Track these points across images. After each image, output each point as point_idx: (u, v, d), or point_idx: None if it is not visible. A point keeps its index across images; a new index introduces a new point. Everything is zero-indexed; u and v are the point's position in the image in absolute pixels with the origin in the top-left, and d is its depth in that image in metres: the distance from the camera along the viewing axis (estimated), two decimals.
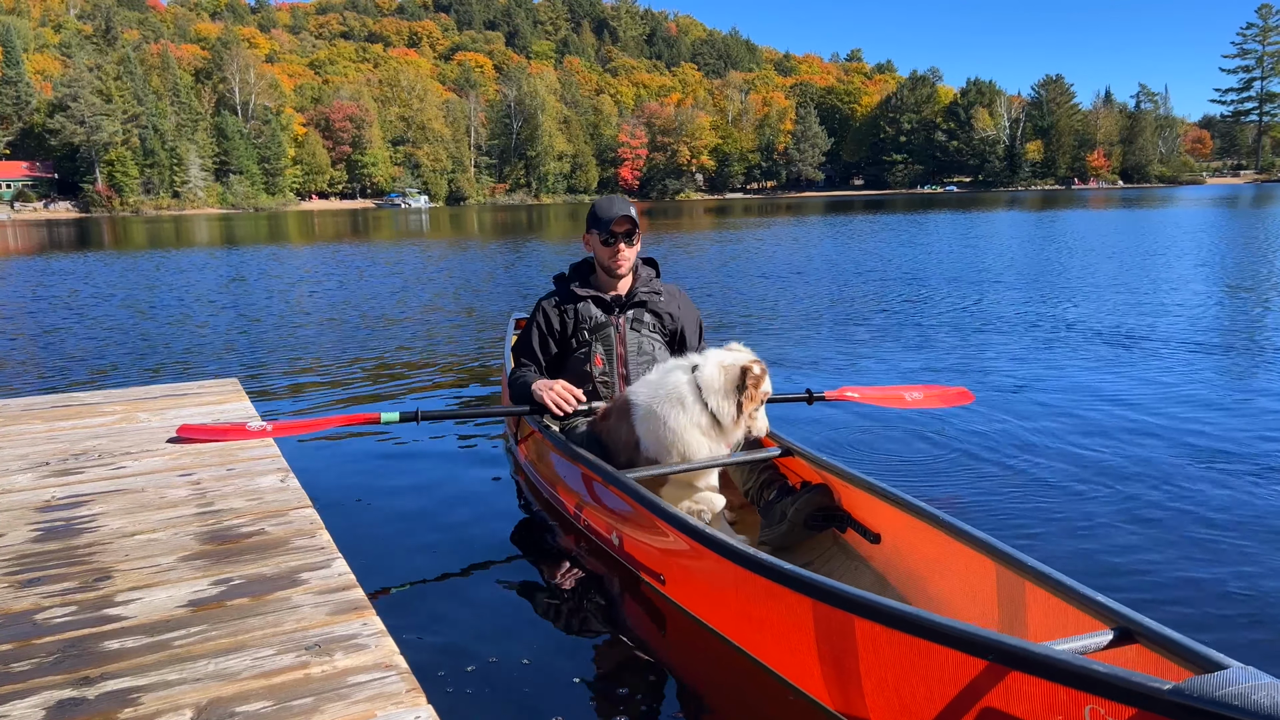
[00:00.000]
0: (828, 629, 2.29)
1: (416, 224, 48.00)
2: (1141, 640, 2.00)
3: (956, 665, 1.98)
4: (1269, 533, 3.66)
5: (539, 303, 4.05)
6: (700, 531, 2.75)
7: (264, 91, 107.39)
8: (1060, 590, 2.28)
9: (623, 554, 3.30)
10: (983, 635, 1.92)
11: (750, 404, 3.26)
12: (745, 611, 2.65)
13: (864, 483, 3.18)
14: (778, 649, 2.55)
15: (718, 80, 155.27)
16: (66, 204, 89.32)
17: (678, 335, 4.09)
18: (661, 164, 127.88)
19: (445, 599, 3.22)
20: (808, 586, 2.32)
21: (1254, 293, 11.65)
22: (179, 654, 1.97)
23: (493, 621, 3.03)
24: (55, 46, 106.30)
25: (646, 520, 3.05)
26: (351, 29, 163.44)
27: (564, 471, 3.77)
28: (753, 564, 2.51)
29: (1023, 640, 1.89)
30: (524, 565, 3.56)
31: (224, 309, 12.23)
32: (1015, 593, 2.47)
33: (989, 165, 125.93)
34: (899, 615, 2.08)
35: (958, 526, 2.72)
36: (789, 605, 2.41)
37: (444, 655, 2.77)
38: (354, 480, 4.56)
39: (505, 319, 7.22)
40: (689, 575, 2.92)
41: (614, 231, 3.86)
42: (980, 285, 13.14)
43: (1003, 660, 1.88)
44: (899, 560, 3.06)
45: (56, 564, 2.49)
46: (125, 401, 4.55)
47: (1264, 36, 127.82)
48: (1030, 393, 6.22)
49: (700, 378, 3.28)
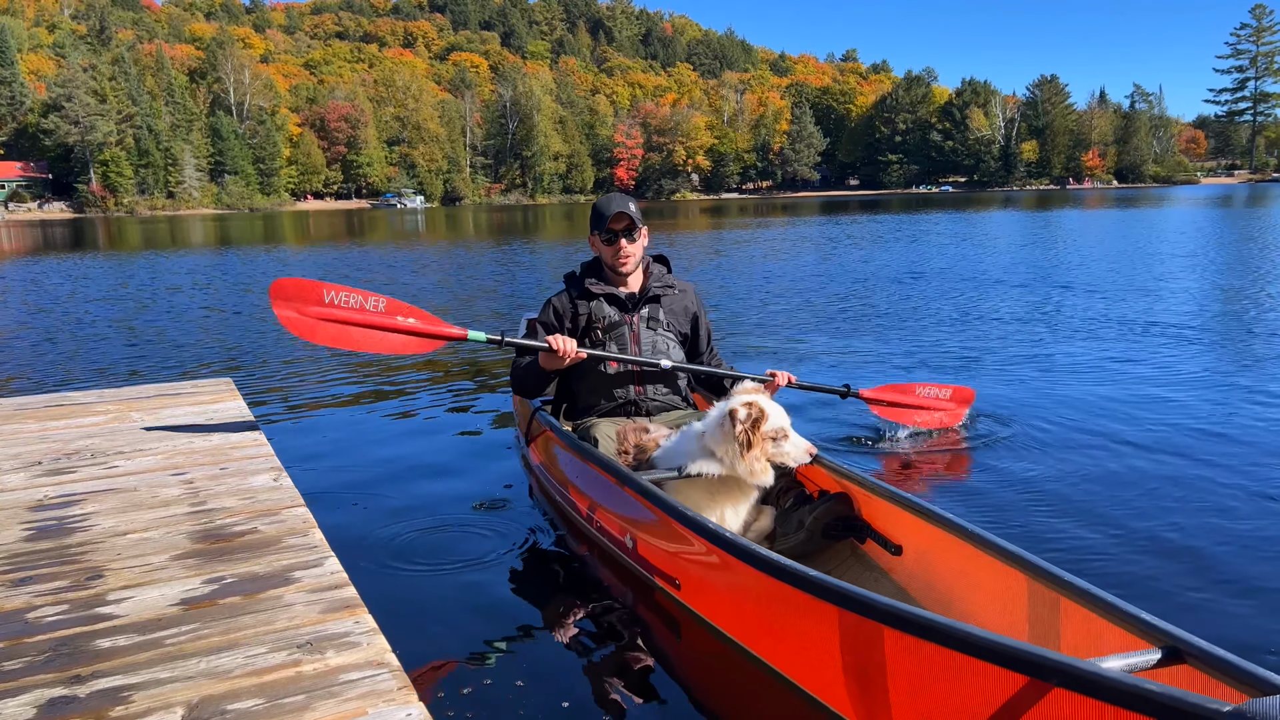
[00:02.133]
0: (855, 640, 2.21)
1: (413, 224, 47.94)
2: (1191, 660, 1.92)
3: (994, 681, 1.91)
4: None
5: (549, 300, 4.01)
6: (722, 537, 2.67)
7: (259, 92, 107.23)
8: (1099, 606, 2.20)
9: (636, 557, 3.23)
10: (1026, 650, 1.84)
11: (757, 444, 3.06)
12: (766, 619, 2.56)
13: (886, 492, 3.09)
14: (799, 659, 2.47)
15: (713, 80, 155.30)
16: (61, 204, 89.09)
17: (690, 333, 4.07)
18: (657, 164, 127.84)
19: (440, 598, 3.20)
20: (834, 595, 2.23)
21: (1264, 290, 11.69)
22: (170, 652, 1.97)
23: (489, 621, 3.02)
24: (49, 46, 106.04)
25: (664, 524, 2.98)
26: (346, 29, 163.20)
27: (577, 472, 3.71)
28: (776, 570, 2.43)
29: (1069, 657, 1.81)
30: (523, 565, 3.54)
31: (218, 310, 12.21)
32: (1048, 608, 2.39)
33: (984, 165, 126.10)
34: (932, 626, 2.00)
35: (986, 538, 2.63)
36: (814, 614, 2.33)
37: (438, 654, 2.77)
38: (348, 479, 4.55)
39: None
40: (707, 581, 2.84)
41: (613, 229, 3.84)
42: (981, 284, 13.17)
43: (1047, 677, 1.80)
44: (922, 573, 2.97)
45: (48, 563, 2.49)
46: (118, 401, 4.55)
47: (1258, 37, 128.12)
48: (1043, 394, 6.24)
49: (705, 439, 3.14)
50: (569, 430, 3.89)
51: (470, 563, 3.51)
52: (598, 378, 3.90)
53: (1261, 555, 3.44)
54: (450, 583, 3.34)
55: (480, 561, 3.52)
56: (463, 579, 3.37)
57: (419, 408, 6.22)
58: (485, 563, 3.52)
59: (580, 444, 3.62)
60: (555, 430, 3.89)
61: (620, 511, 3.31)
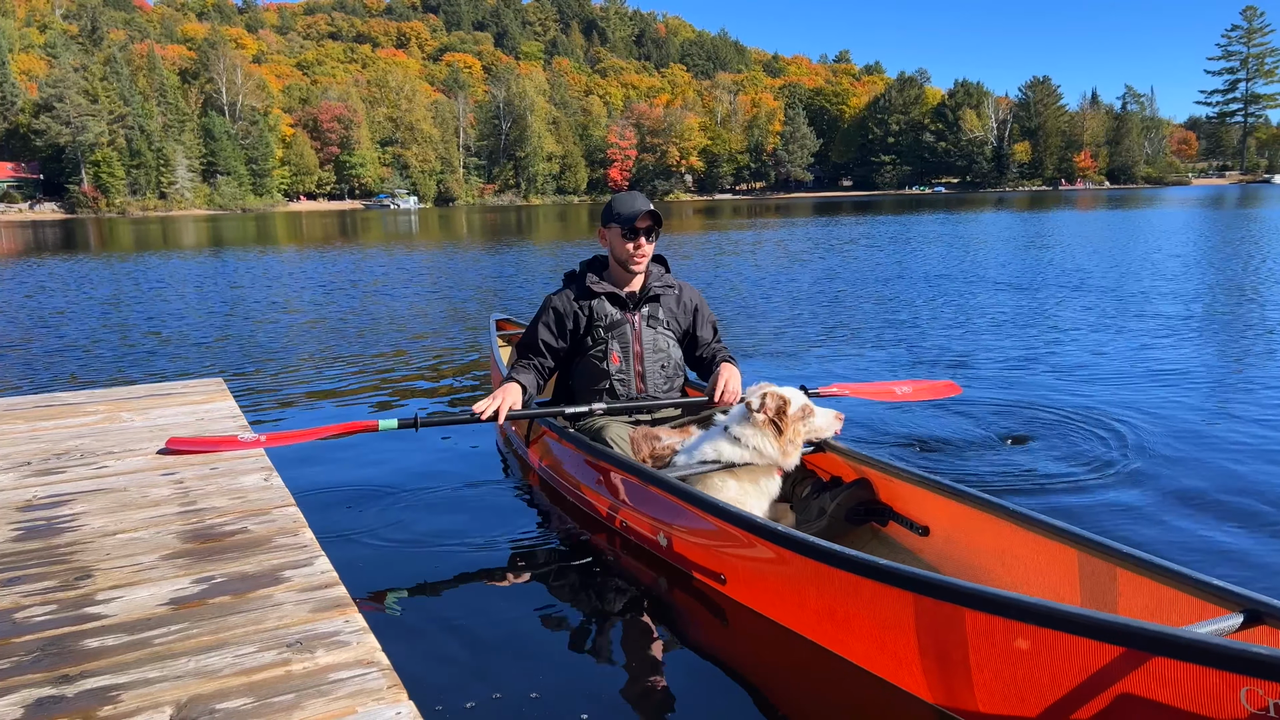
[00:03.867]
0: (933, 623, 2.25)
1: (406, 225, 47.83)
2: (1270, 621, 1.98)
3: (1086, 653, 1.95)
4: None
5: (549, 298, 3.99)
6: (780, 532, 2.71)
7: (251, 92, 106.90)
8: (1164, 575, 2.24)
9: (671, 555, 3.25)
10: (1123, 622, 1.90)
11: (788, 428, 3.22)
12: (828, 608, 2.59)
13: (908, 474, 3.15)
14: (868, 645, 2.50)
15: (706, 81, 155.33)
16: (52, 205, 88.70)
17: (690, 332, 4.08)
18: (651, 165, 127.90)
19: (432, 597, 3.20)
20: (910, 581, 2.28)
21: (1244, 281, 11.74)
22: (159, 652, 1.96)
23: (482, 619, 3.01)
24: (40, 47, 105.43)
25: (707, 522, 3.01)
26: (339, 29, 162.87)
27: (596, 474, 3.70)
28: (843, 562, 2.46)
29: (1167, 626, 1.88)
30: (517, 564, 3.53)
31: (210, 310, 12.18)
32: (1104, 580, 2.43)
33: (977, 166, 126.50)
34: (1023, 606, 2.05)
35: (1029, 515, 2.67)
36: (885, 601, 2.36)
37: (429, 653, 2.76)
38: (339, 478, 4.54)
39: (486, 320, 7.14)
40: (759, 574, 2.86)
41: (637, 228, 3.84)
42: (974, 283, 13.19)
43: (1145, 646, 1.86)
44: (954, 552, 3.02)
45: (37, 563, 2.48)
46: (108, 401, 4.53)
47: (1249, 38, 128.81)
48: (1022, 382, 6.26)
49: (735, 433, 3.28)
50: (576, 433, 3.88)
51: (463, 561, 3.50)
52: (599, 376, 3.91)
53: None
54: (442, 581, 3.33)
55: (473, 560, 3.52)
56: (455, 577, 3.37)
57: (410, 408, 6.21)
58: (478, 561, 3.51)
59: (600, 448, 3.62)
60: (564, 434, 3.89)
61: (651, 511, 3.33)
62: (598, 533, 3.72)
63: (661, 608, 3.11)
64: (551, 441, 4.11)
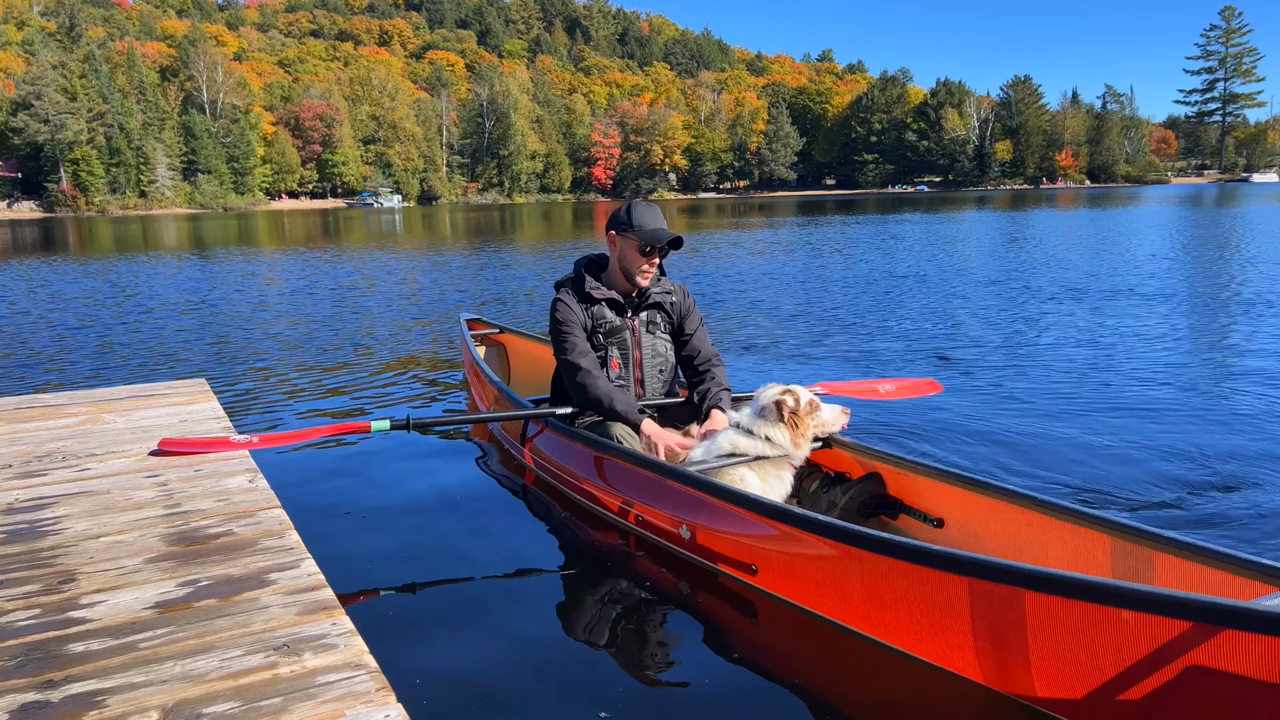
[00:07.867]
0: (989, 606, 2.28)
1: (390, 225, 47.55)
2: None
3: (1153, 629, 2.00)
4: None
5: (559, 308, 3.95)
6: (821, 522, 2.74)
7: (232, 90, 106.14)
8: (1206, 556, 2.28)
9: (695, 548, 3.26)
10: (1194, 598, 1.95)
11: (803, 423, 3.35)
12: (873, 595, 2.60)
13: (921, 467, 3.19)
14: (916, 631, 2.51)
15: (690, 80, 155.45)
16: (30, 204, 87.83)
17: (679, 328, 4.09)
18: (634, 163, 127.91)
19: (420, 598, 3.18)
20: (965, 565, 2.32)
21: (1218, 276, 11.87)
22: (145, 656, 1.95)
23: (472, 620, 2.99)
24: (18, 44, 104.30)
25: (737, 515, 3.04)
26: (321, 27, 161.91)
27: (607, 471, 3.71)
28: (894, 549, 2.49)
29: (1239, 600, 1.93)
30: (510, 563, 3.51)
31: (192, 311, 12.09)
32: (1139, 564, 2.47)
33: (959, 165, 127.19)
34: (1091, 586, 2.08)
35: (1055, 503, 2.70)
36: (936, 586, 2.39)
37: (417, 655, 2.74)
38: (324, 480, 4.50)
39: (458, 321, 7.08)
40: (794, 565, 2.87)
41: (659, 248, 3.85)
42: (954, 281, 13.27)
43: (1220, 620, 1.90)
44: (972, 543, 3.03)
45: (19, 567, 2.46)
46: (91, 403, 4.49)
47: (1227, 38, 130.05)
48: (1002, 379, 6.30)
49: (757, 430, 3.39)
50: (580, 432, 3.88)
51: (452, 561, 3.48)
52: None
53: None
54: (431, 582, 3.31)
55: (463, 559, 3.50)
56: (444, 577, 3.35)
57: (398, 408, 6.18)
58: (468, 561, 3.49)
59: (614, 445, 3.65)
60: (569, 432, 3.89)
61: (672, 506, 3.35)
62: (601, 528, 3.72)
63: (678, 599, 3.12)
64: (553, 439, 4.11)
